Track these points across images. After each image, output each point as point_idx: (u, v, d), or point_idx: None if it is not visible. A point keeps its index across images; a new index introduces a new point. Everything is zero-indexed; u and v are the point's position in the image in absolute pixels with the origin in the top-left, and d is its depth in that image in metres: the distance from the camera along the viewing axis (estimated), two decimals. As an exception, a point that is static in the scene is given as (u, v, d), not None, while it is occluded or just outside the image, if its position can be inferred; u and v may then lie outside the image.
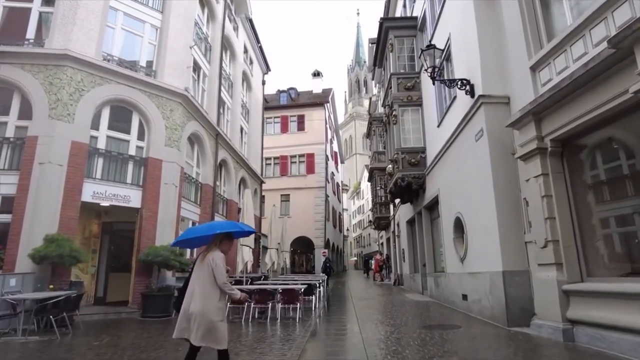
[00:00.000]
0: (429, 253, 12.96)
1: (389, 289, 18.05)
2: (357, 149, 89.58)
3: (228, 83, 17.35)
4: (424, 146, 13.11)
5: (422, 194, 13.25)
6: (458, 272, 9.42)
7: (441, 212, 11.04)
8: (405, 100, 13.55)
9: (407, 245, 16.58)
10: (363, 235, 64.97)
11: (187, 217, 12.48)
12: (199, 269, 3.71)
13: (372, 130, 25.08)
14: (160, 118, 11.11)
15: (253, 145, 20.75)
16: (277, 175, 32.42)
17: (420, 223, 14.23)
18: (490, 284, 7.27)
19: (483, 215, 7.70)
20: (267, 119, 33.39)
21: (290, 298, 8.54)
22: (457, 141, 9.38)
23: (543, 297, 6.07)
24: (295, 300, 8.66)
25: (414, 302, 11.84)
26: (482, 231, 7.81)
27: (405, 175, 12.92)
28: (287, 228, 30.88)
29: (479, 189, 7.94)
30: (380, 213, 23.97)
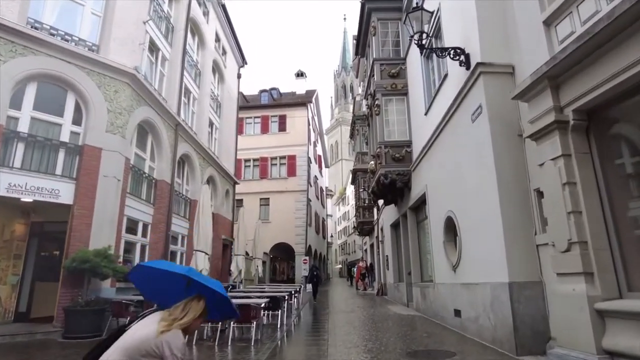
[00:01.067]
0: (415, 260, 11.46)
1: (371, 299, 16.48)
2: (343, 154, 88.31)
3: (195, 71, 15.70)
4: (409, 139, 11.67)
5: (408, 193, 11.78)
6: (449, 283, 7.92)
7: (429, 212, 9.56)
8: (389, 89, 12.13)
9: (391, 252, 15.07)
10: (348, 242, 63.39)
11: (136, 218, 10.73)
12: (139, 339, 2.14)
13: (355, 130, 23.67)
14: (101, 100, 9.41)
15: (225, 142, 19.07)
16: (256, 177, 30.71)
17: (405, 226, 12.74)
18: (492, 299, 5.77)
19: (482, 213, 6.22)
20: (247, 118, 31.86)
21: (244, 316, 6.89)
22: (448, 126, 7.93)
23: (566, 318, 4.56)
24: (252, 319, 7.01)
25: (398, 316, 10.28)
26: (480, 232, 6.32)
27: (388, 171, 11.43)
28: (265, 233, 29.15)
29: (476, 180, 6.47)
30: (363, 217, 22.47)
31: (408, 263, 12.42)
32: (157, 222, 11.58)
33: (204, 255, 9.44)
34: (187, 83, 14.71)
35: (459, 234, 7.27)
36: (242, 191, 30.08)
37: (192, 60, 15.27)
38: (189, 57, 14.81)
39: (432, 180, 9.23)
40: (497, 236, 5.61)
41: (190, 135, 13.97)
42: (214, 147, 17.67)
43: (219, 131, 18.45)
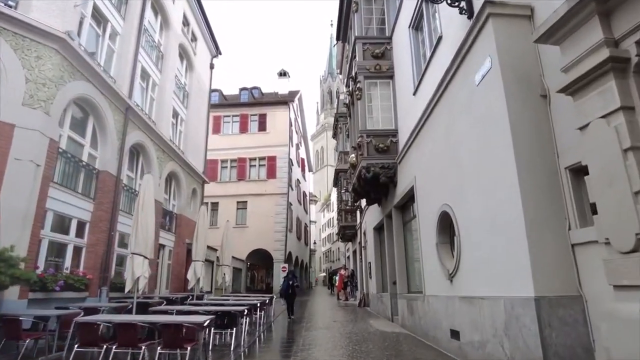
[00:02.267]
0: (401, 267, 9.85)
1: (353, 311, 14.78)
2: (329, 160, 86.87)
3: (157, 54, 13.97)
4: (395, 128, 10.13)
5: (393, 189, 10.21)
6: (443, 295, 6.31)
7: (418, 209, 7.98)
8: (373, 71, 10.60)
9: (374, 258, 13.45)
10: (332, 250, 61.67)
11: (67, 214, 8.88)
12: None
13: (337, 128, 22.15)
14: (18, 66, 7.60)
15: (193, 136, 17.27)
16: (233, 179, 28.89)
17: (389, 228, 11.16)
18: (507, 319, 4.17)
19: (491, 203, 4.65)
20: (225, 117, 30.16)
21: (173, 339, 5.13)
22: (442, 101, 6.39)
23: (628, 351, 2.98)
24: (184, 343, 5.26)
25: (381, 334, 8.64)
26: (488, 229, 4.74)
27: (371, 164, 9.85)
28: (242, 239, 27.38)
29: (482, 162, 4.91)
30: (345, 221, 20.84)
31: (393, 271, 10.82)
32: (97, 220, 9.72)
33: (142, 259, 7.64)
34: (146, 65, 12.96)
35: (458, 234, 5.69)
36: (218, 194, 28.27)
37: (152, 40, 13.53)
38: (148, 36, 13.08)
39: (422, 170, 7.67)
40: (516, 233, 4.04)
41: (147, 123, 12.17)
42: (178, 140, 15.87)
43: (186, 124, 16.66)
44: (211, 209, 28.17)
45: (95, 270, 9.48)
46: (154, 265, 12.73)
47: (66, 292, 8.40)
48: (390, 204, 10.62)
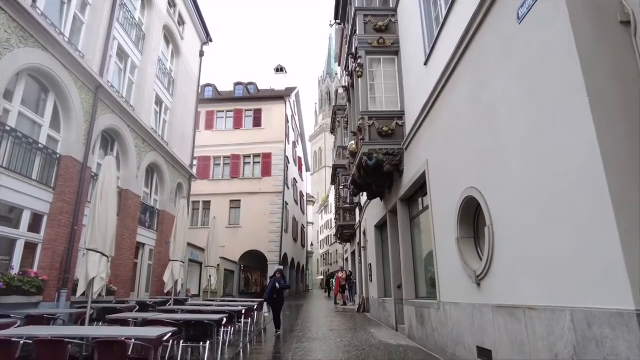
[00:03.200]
0: (408, 269, 8.54)
1: (351, 318, 13.46)
2: (327, 161, 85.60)
3: (137, 33, 12.68)
4: (401, 110, 8.86)
5: (398, 179, 8.92)
6: (467, 303, 5.01)
7: (431, 199, 6.68)
8: (376, 45, 9.34)
9: (375, 259, 12.14)
10: (330, 252, 60.35)
11: (17, 204, 7.56)
12: None
13: (336, 122, 20.89)
14: (-50, 24, 6.32)
15: (179, 127, 15.97)
16: (227, 177, 27.57)
17: (394, 225, 9.87)
18: (579, 341, 2.86)
19: (547, 179, 3.35)
20: (219, 112, 28.91)
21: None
22: (466, 58, 5.11)
23: None
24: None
25: (385, 347, 7.33)
26: (540, 214, 3.44)
27: (373, 150, 8.55)
28: (235, 240, 26.01)
29: (535, 121, 3.61)
30: (344, 220, 19.53)
31: (398, 273, 9.51)
32: (57, 213, 8.39)
33: (99, 257, 6.32)
34: (124, 44, 11.67)
35: (490, 223, 4.39)
36: (210, 192, 26.97)
37: (131, 17, 12.24)
38: (125, 11, 11.79)
39: (437, 151, 6.38)
40: (596, 219, 2.74)
41: (123, 107, 10.87)
42: (161, 130, 14.56)
43: (172, 113, 15.36)
44: (203, 208, 26.93)
45: (54, 271, 8.15)
46: (131, 266, 11.41)
47: (12, 297, 7.07)
48: (394, 197, 9.33)
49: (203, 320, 6.06)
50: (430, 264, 7.68)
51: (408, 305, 8.15)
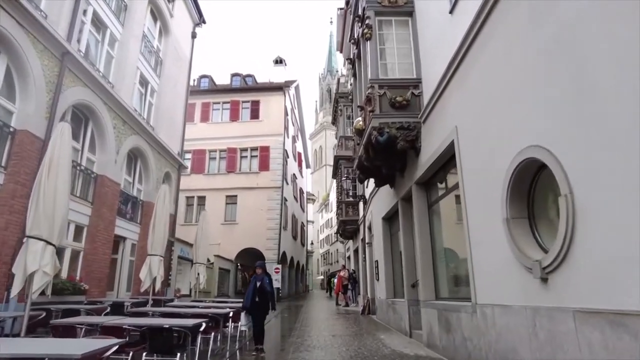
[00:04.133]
0: (426, 264, 7.18)
1: (355, 320, 12.12)
2: (328, 160, 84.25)
3: (117, 2, 11.35)
4: (417, 77, 7.52)
5: (414, 158, 7.57)
6: (524, 306, 3.66)
7: (462, 174, 5.31)
8: (387, 4, 8.01)
9: (383, 255, 10.80)
10: (330, 252, 59.01)
11: (-48, 185, 6.25)
12: None
13: (337, 110, 19.57)
14: None
15: (168, 112, 14.65)
16: (222, 171, 26.23)
17: (407, 215, 8.55)
18: None
19: None
20: (214, 104, 27.60)
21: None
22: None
23: None
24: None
25: (401, 358, 6.01)
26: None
27: (385, 123, 7.20)
28: (231, 237, 24.64)
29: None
30: (346, 215, 18.17)
31: (411, 270, 8.19)
32: (9, 196, 7.08)
33: (42, 245, 4.99)
34: (100, 11, 10.36)
35: (568, 192, 3.04)
36: (205, 187, 25.66)
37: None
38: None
39: (471, 113, 5.04)
40: None
41: (98, 80, 9.55)
42: (146, 113, 13.22)
43: (159, 96, 14.03)
44: (197, 204, 25.60)
45: (3, 265, 6.82)
46: (107, 262, 10.09)
47: (-57, 296, 5.74)
48: (408, 181, 7.99)
49: (172, 327, 4.73)
50: (454, 257, 6.37)
51: (427, 308, 6.81)
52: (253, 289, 6.82)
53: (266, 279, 6.92)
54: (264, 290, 6.83)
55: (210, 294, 20.45)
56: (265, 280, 6.91)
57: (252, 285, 6.90)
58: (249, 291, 6.85)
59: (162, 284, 9.05)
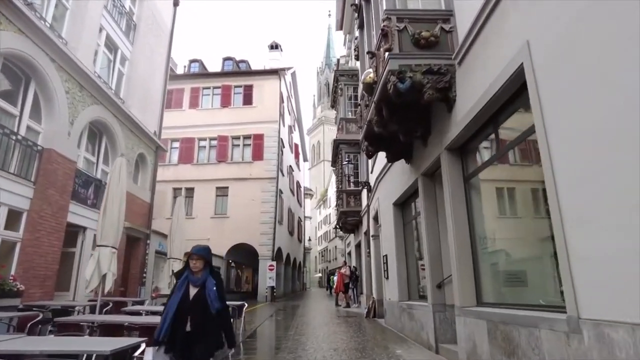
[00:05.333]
0: (463, 255, 5.24)
1: (360, 326, 10.26)
2: (326, 155, 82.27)
3: (73, -58, 9.41)
4: (447, 9, 5.63)
5: (445, 115, 5.64)
6: None
7: (543, 114, 3.36)
8: None
9: (394, 249, 8.90)
10: (329, 249, 57.20)
11: None
12: None
13: (337, 90, 17.65)
14: None
15: (143, 85, 12.71)
16: (213, 161, 24.34)
17: (430, 194, 6.68)
18: None
19: None
20: (204, 89, 25.69)
21: None
22: None
23: None
24: None
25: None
26: None
27: (406, 66, 5.28)
28: (221, 231, 22.69)
29: None
30: (347, 206, 16.27)
31: (437, 265, 6.33)
32: None
33: None
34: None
35: None
36: (193, 178, 23.75)
37: None
38: None
39: (554, 14, 3.11)
40: None
41: (40, 30, 7.61)
42: (114, 82, 11.28)
43: (131, 65, 12.07)
44: (185, 196, 23.65)
45: None
46: (55, 256, 8.17)
47: None
48: (435, 149, 6.08)
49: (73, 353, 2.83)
50: (509, 247, 4.50)
51: (466, 317, 4.91)
52: (180, 301, 3.28)
53: (211, 282, 3.36)
54: (206, 304, 3.25)
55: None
56: (210, 285, 3.34)
57: (180, 294, 3.32)
58: (170, 305, 3.27)
59: (114, 282, 7.09)
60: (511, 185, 4.75)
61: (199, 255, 3.38)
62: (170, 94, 25.24)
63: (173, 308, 3.22)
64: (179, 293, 3.30)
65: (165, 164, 23.96)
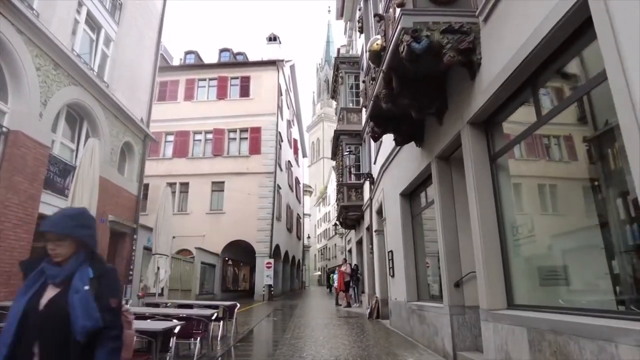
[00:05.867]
0: (490, 249, 4.40)
1: (363, 329, 9.44)
2: (326, 152, 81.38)
3: None
4: (470, -41, 4.78)
5: (466, 85, 4.78)
6: None
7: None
8: None
9: (402, 243, 8.05)
10: (328, 246, 56.43)
11: None
12: None
13: (338, 78, 16.78)
14: None
15: (128, 68, 11.85)
16: (208, 155, 23.48)
17: (446, 180, 5.84)
18: None
19: None
20: (200, 80, 24.82)
21: None
22: None
23: None
24: None
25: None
26: None
27: (421, 24, 4.43)
28: (217, 228, 21.78)
29: None
30: (348, 200, 15.43)
31: (454, 260, 5.50)
32: None
33: None
34: None
35: None
36: (188, 172, 22.89)
37: None
38: None
39: None
40: None
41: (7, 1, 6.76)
42: (97, 64, 10.41)
43: (116, 47, 11.21)
44: (180, 191, 22.85)
45: None
46: (25, 250, 7.32)
47: None
48: (454, 124, 5.22)
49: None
50: (553, 239, 3.67)
51: (498, 322, 4.07)
52: (24, 314, 1.62)
53: (83, 278, 1.66)
54: (66, 321, 1.58)
55: (191, 293, 17.76)
56: (79, 283, 1.65)
57: (25, 300, 1.65)
58: (7, 323, 1.63)
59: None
60: (552, 163, 3.91)
61: (58, 234, 1.69)
62: (165, 86, 24.45)
63: (11, 327, 1.59)
64: (22, 299, 1.65)
65: (159, 157, 23.15)
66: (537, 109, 3.75)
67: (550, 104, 3.62)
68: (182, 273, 16.87)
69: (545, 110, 3.61)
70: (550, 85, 3.62)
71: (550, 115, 3.50)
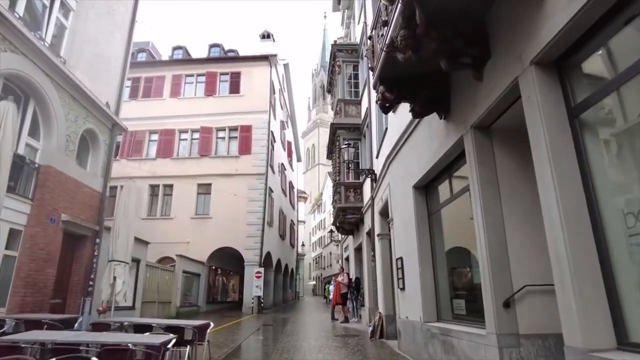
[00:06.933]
0: (577, 241, 2.82)
1: (363, 352, 7.75)
2: (321, 158, 79.80)
3: None
4: None
5: (528, 11, 3.24)
6: None
7: None
8: None
9: (416, 249, 6.42)
10: (323, 255, 54.52)
11: None
12: None
13: (335, 68, 15.27)
14: None
15: (92, 44, 10.20)
16: (194, 155, 21.81)
17: (487, 158, 4.25)
18: None
19: None
20: (187, 76, 23.24)
21: None
22: None
23: None
24: None
25: None
26: None
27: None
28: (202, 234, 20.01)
29: None
30: (346, 201, 13.79)
31: (502, 269, 3.89)
32: None
33: None
34: None
35: None
36: (173, 173, 21.16)
37: None
38: None
39: None
40: None
41: None
42: (49, 34, 8.77)
43: (78, 18, 9.59)
44: (164, 194, 21.15)
45: None
46: None
47: None
48: (503, 75, 3.66)
49: None
50: None
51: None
52: None
53: None
54: None
55: (171, 305, 15.99)
56: None
57: None
58: None
59: (42, 293, 4.55)
60: None
61: None
62: (150, 82, 22.89)
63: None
64: None
65: (141, 158, 21.50)
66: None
67: None
68: (161, 283, 15.12)
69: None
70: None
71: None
